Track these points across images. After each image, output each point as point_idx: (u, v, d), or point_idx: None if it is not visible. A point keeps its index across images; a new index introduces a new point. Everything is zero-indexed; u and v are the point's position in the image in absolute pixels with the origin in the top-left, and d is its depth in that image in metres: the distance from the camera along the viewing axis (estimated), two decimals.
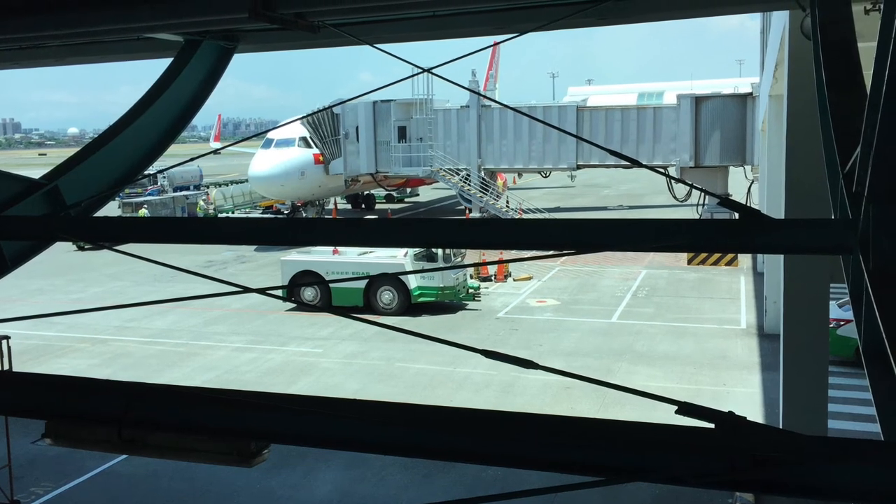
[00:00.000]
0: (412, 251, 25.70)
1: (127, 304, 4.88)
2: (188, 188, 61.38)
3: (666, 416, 2.86)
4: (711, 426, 2.81)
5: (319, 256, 26.86)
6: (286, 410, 3.57)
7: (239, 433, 3.61)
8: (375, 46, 6.67)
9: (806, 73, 6.70)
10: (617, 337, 22.74)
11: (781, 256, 13.25)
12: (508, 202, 44.45)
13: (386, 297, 25.98)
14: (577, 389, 17.50)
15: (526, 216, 40.93)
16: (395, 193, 56.79)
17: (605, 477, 2.97)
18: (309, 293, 26.87)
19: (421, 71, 6.26)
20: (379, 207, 56.82)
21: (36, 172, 6.96)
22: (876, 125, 3.19)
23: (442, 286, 25.70)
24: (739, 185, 38.21)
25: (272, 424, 3.56)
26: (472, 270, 28.60)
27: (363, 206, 56.93)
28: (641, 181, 67.30)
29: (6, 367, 13.02)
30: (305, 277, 26.65)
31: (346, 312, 5.11)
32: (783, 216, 10.90)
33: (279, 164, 40.80)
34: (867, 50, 4.01)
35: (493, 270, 30.95)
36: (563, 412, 16.03)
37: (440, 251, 25.98)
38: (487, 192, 41.15)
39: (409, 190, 58.33)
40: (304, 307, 26.56)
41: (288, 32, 6.84)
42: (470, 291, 27.27)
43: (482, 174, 41.35)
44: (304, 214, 44.57)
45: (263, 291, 4.75)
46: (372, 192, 55.20)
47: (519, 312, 26.11)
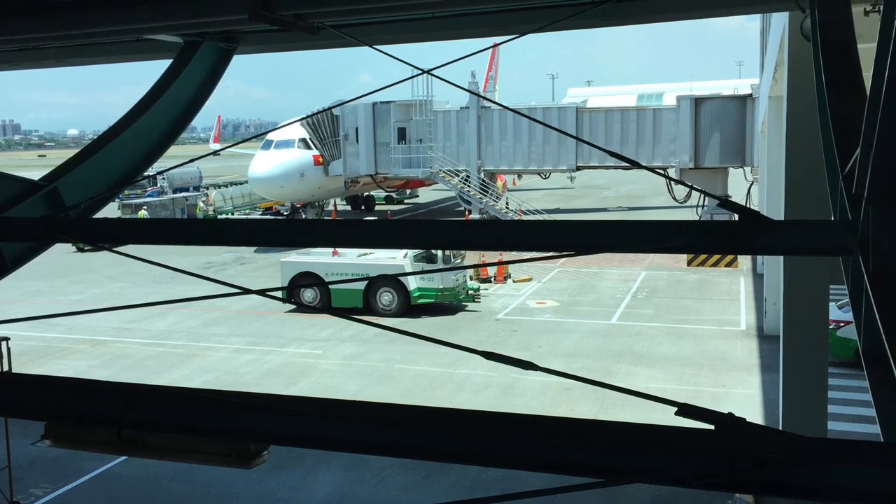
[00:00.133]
0: (412, 252, 25.70)
1: (126, 305, 4.88)
2: (188, 189, 61.33)
3: (665, 417, 2.86)
4: (711, 427, 2.81)
5: (319, 258, 26.86)
6: (285, 412, 3.56)
7: (238, 434, 3.61)
8: (375, 48, 6.67)
9: (806, 74, 6.71)
10: (616, 338, 22.73)
11: (781, 258, 13.25)
12: (508, 203, 44.45)
13: (385, 298, 25.97)
14: (576, 391, 17.49)
15: (525, 217, 40.93)
16: (394, 195, 56.86)
17: (604, 478, 2.97)
18: (308, 294, 26.85)
19: (420, 72, 6.25)
20: (378, 209, 56.81)
21: (35, 174, 6.97)
22: (876, 126, 3.19)
23: (441, 287, 25.69)
24: (739, 186, 38.24)
25: (272, 426, 3.56)
26: (471, 272, 28.60)
27: (363, 207, 56.94)
28: (641, 182, 67.32)
29: (6, 368, 13.01)
30: (305, 279, 26.66)
31: (345, 314, 5.08)
32: (783, 217, 10.89)
33: (279, 165, 40.83)
34: (867, 51, 4.01)
35: (492, 272, 30.94)
36: (562, 413, 16.00)
37: (440, 252, 25.97)
38: (487, 193, 41.16)
39: (408, 191, 58.38)
40: (303, 308, 26.54)
41: (288, 34, 6.84)
42: (469, 293, 27.26)
43: (482, 175, 41.37)
44: (303, 216, 44.56)
45: (263, 293, 4.75)
46: (371, 193, 55.25)
47: (518, 314, 26.10)
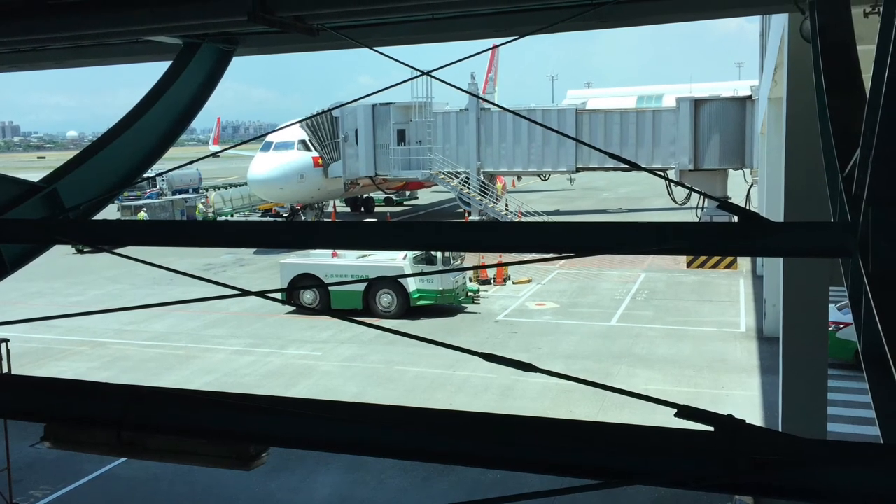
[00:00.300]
0: (411, 254, 25.68)
1: (126, 307, 4.87)
2: (187, 191, 61.28)
3: (665, 419, 2.86)
4: (711, 429, 2.81)
5: (318, 259, 26.85)
6: (285, 414, 3.56)
7: (238, 436, 3.61)
8: (374, 49, 6.67)
9: (805, 75, 6.71)
10: (616, 340, 22.72)
11: (781, 259, 13.26)
12: (507, 205, 44.44)
13: (385, 300, 25.96)
14: (576, 392, 17.48)
15: (525, 219, 40.93)
16: (394, 196, 56.85)
17: (604, 480, 2.97)
18: (308, 296, 26.84)
19: (420, 74, 6.25)
20: (378, 210, 56.82)
21: (35, 175, 6.97)
22: (875, 128, 3.19)
23: (441, 289, 25.68)
24: (739, 188, 38.25)
25: (271, 427, 3.56)
26: (471, 273, 28.59)
27: (362, 209, 56.93)
28: (641, 184, 67.29)
29: (5, 370, 12.99)
30: (304, 280, 26.65)
31: (345, 315, 5.09)
32: (782, 219, 10.89)
33: (278, 167, 40.83)
34: (866, 53, 4.01)
35: (492, 273, 30.93)
36: (562, 415, 16.01)
37: (439, 254, 25.96)
38: (486, 195, 41.15)
39: (408, 193, 58.32)
40: (303, 310, 26.52)
41: (287, 35, 6.84)
42: (469, 294, 27.25)
43: (481, 177, 41.35)
44: (303, 217, 44.56)
45: (262, 294, 4.75)
46: (371, 195, 55.23)
47: (518, 315, 26.09)
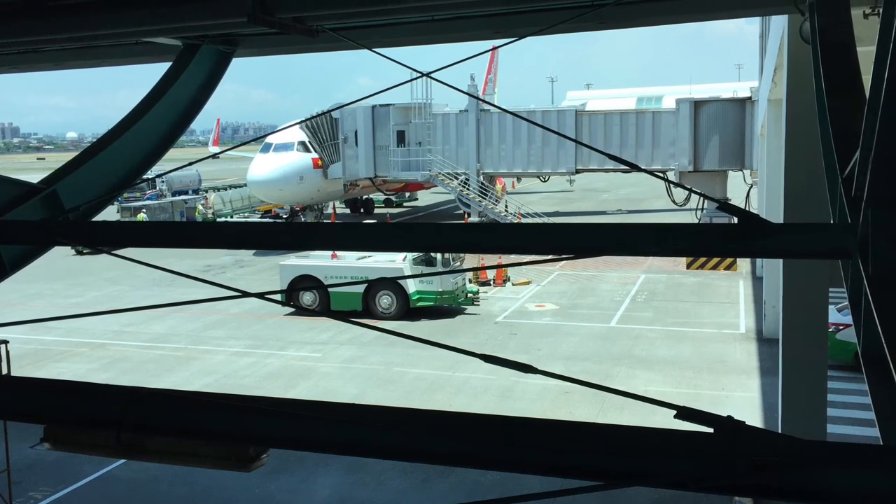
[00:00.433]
0: (411, 255, 25.68)
1: (125, 308, 4.87)
2: (187, 192, 61.30)
3: (665, 420, 2.86)
4: (710, 431, 2.81)
5: (318, 261, 26.84)
6: (285, 415, 3.56)
7: (238, 438, 3.61)
8: (374, 50, 6.68)
9: (805, 77, 6.72)
10: (616, 341, 22.72)
11: (780, 261, 13.27)
12: (507, 206, 44.44)
13: (385, 301, 25.95)
14: (576, 394, 17.48)
15: (525, 220, 40.94)
16: (393, 198, 56.87)
17: (604, 481, 2.97)
18: (308, 297, 26.83)
19: (420, 75, 6.25)
20: (378, 212, 56.81)
21: (34, 177, 6.96)
22: (875, 129, 3.19)
23: (441, 290, 25.67)
24: (738, 189, 38.25)
25: (271, 429, 3.56)
26: (470, 275, 28.58)
27: (362, 210, 56.92)
28: (640, 185, 67.31)
29: (5, 371, 12.96)
30: (304, 282, 26.63)
31: (344, 317, 5.08)
32: (782, 220, 10.90)
33: (278, 168, 40.84)
34: (866, 54, 4.01)
35: (491, 275, 30.93)
36: (562, 416, 16.01)
37: (439, 255, 25.96)
38: (486, 196, 41.15)
39: (407, 194, 58.36)
40: (302, 311, 26.52)
41: (287, 36, 6.85)
42: (469, 296, 27.24)
43: (481, 178, 41.36)
44: (302, 219, 44.57)
45: (262, 296, 4.74)
46: (371, 196, 55.24)
47: (518, 317, 26.08)
